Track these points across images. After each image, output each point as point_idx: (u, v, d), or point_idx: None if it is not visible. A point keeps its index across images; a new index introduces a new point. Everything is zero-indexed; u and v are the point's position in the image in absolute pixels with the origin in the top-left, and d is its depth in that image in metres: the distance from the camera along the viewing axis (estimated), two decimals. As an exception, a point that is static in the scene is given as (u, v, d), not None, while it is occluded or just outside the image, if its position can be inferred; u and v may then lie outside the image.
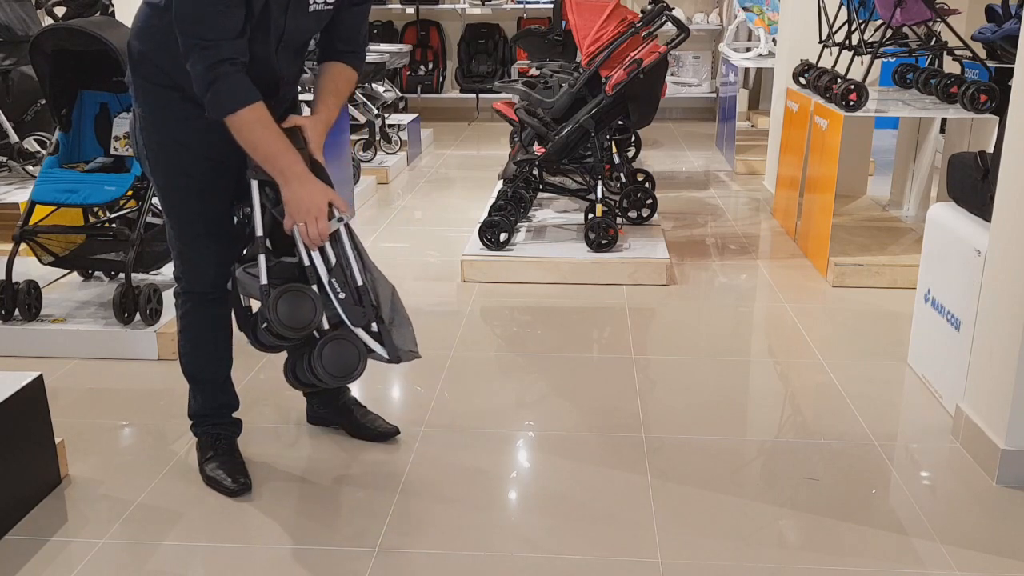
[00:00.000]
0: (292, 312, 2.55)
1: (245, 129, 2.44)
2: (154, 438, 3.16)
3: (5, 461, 2.61)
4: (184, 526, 2.65)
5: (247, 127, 2.44)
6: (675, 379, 3.61)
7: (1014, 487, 2.83)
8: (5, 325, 3.84)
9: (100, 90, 3.95)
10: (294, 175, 2.50)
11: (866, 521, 2.65)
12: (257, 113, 2.44)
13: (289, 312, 2.55)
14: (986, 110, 4.44)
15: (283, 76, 2.65)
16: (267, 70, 2.55)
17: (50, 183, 3.81)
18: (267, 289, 2.56)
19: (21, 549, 2.54)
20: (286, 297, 2.55)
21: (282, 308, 2.54)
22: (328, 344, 2.62)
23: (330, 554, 2.51)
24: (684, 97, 9.76)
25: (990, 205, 3.05)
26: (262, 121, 2.45)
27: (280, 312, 2.54)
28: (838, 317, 4.25)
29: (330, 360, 2.62)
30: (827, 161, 4.81)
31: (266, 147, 2.47)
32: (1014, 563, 2.47)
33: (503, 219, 4.86)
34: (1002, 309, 2.88)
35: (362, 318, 2.67)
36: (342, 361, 2.64)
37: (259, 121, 2.44)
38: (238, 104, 2.41)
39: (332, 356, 2.63)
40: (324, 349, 2.61)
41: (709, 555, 2.50)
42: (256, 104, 2.43)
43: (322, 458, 3.02)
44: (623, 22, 4.83)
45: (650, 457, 3.01)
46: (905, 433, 3.19)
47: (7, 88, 5.40)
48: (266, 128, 2.46)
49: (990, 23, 4.83)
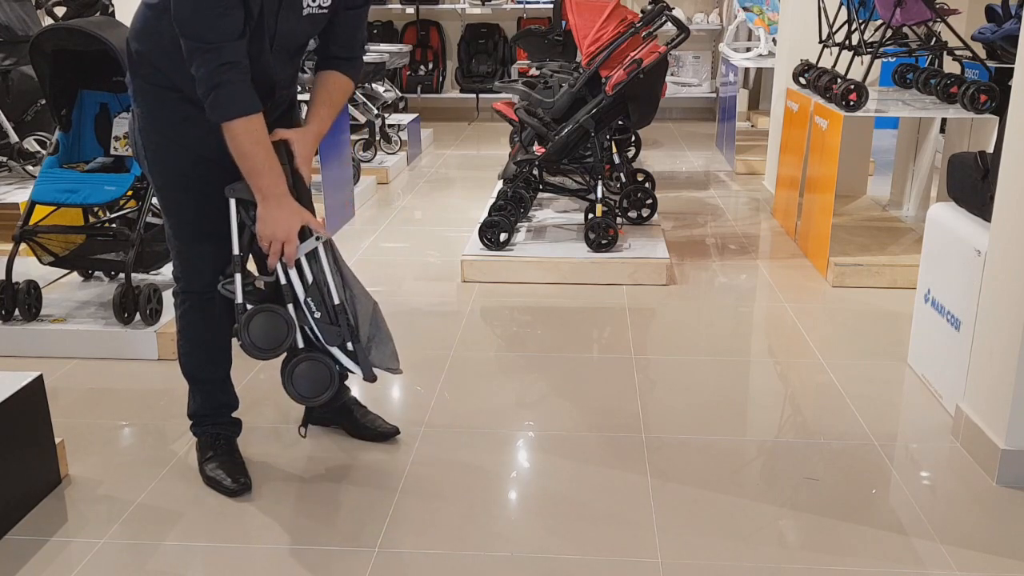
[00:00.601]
0: (265, 332, 2.59)
1: (238, 139, 2.46)
2: (154, 438, 3.16)
3: (5, 461, 2.61)
4: (184, 526, 2.65)
5: (240, 136, 2.46)
6: (675, 379, 3.61)
7: (1014, 487, 2.83)
8: (5, 325, 3.84)
9: (100, 90, 3.95)
10: (272, 195, 2.52)
11: (866, 521, 2.66)
12: (253, 125, 2.45)
13: (262, 332, 2.59)
14: (986, 110, 4.44)
15: (278, 79, 2.65)
16: (262, 72, 2.55)
17: (50, 183, 3.81)
18: (242, 308, 2.60)
19: (21, 549, 2.54)
20: (259, 317, 2.58)
21: (255, 328, 2.58)
22: (300, 364, 2.65)
23: (330, 554, 2.51)
24: (684, 97, 9.76)
25: (990, 205, 3.05)
26: (256, 134, 2.47)
27: (252, 332, 2.58)
28: (838, 317, 4.25)
29: (301, 380, 2.66)
30: (827, 161, 4.81)
31: (253, 161, 2.49)
32: (1014, 563, 2.47)
33: (503, 219, 4.86)
34: (1002, 309, 2.88)
35: (336, 337, 2.68)
36: (313, 381, 2.67)
37: (253, 133, 2.46)
38: (236, 112, 2.43)
39: (303, 376, 2.66)
40: (296, 369, 2.65)
41: (709, 555, 2.50)
42: (254, 116, 2.45)
43: (322, 458, 3.02)
44: (623, 22, 4.83)
45: (650, 457, 3.01)
46: (905, 433, 3.19)
47: (7, 88, 5.40)
48: (258, 143, 2.48)
49: (990, 23, 4.82)
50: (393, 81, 9.07)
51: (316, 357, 2.67)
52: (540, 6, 9.53)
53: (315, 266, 2.66)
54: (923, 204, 5.64)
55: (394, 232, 5.73)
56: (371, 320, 2.77)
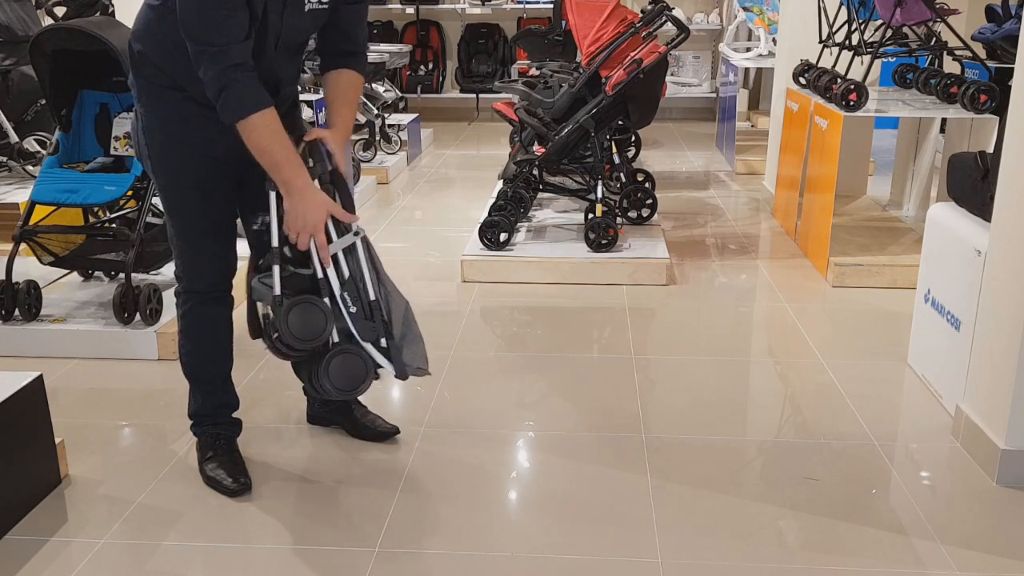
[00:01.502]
0: (303, 323, 2.56)
1: (255, 135, 2.45)
2: (154, 438, 3.16)
3: (5, 461, 2.61)
4: (184, 526, 2.65)
5: (256, 132, 2.45)
6: (675, 379, 3.61)
7: (1014, 487, 2.83)
8: (5, 325, 3.84)
9: (100, 90, 3.95)
10: (295, 187, 2.51)
11: (866, 521, 2.65)
12: (267, 119, 2.45)
13: (300, 323, 2.56)
14: (986, 110, 4.44)
15: (283, 76, 2.66)
16: (267, 71, 2.55)
17: (50, 183, 3.81)
18: (280, 299, 2.57)
19: (21, 549, 2.53)
20: (297, 308, 2.56)
21: (293, 319, 2.55)
22: (336, 357, 2.63)
23: (330, 554, 2.51)
24: (684, 97, 9.75)
25: (990, 205, 3.05)
26: (271, 128, 2.46)
27: (291, 323, 2.55)
28: (838, 317, 4.25)
29: (337, 373, 2.63)
30: (827, 161, 4.81)
31: (273, 155, 2.48)
32: (1014, 563, 2.46)
33: (503, 219, 4.85)
34: (1002, 309, 2.88)
35: (371, 333, 2.67)
36: (349, 375, 2.65)
37: (268, 127, 2.46)
38: (249, 109, 2.42)
39: (339, 370, 2.63)
40: (332, 362, 2.62)
41: (709, 555, 2.50)
42: (267, 111, 2.45)
43: (322, 458, 3.01)
44: (623, 22, 4.82)
45: (650, 457, 3.01)
46: (905, 433, 3.19)
47: (7, 88, 5.40)
48: (274, 137, 2.47)
49: (990, 23, 4.82)
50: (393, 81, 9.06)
51: (351, 350, 2.65)
52: (540, 6, 9.53)
53: (352, 261, 2.65)
54: (923, 204, 5.64)
55: (394, 232, 5.73)
56: (403, 319, 2.76)
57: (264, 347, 2.70)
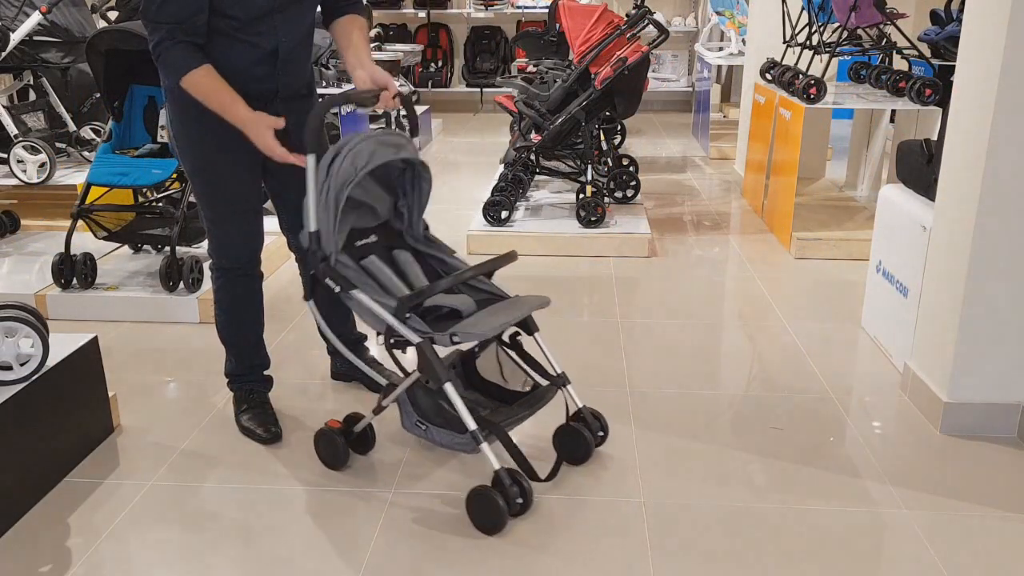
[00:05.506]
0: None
1: (194, 88, 2.39)
2: (195, 392, 3.13)
3: (65, 412, 2.58)
4: (222, 470, 2.62)
5: (195, 87, 2.39)
6: (656, 340, 3.57)
7: (955, 435, 2.80)
8: (65, 292, 3.80)
9: (148, 84, 3.89)
10: (240, 120, 2.41)
11: (824, 466, 2.63)
12: (202, 74, 2.38)
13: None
14: (931, 102, 4.39)
15: (283, 41, 2.50)
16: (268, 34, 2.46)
17: (104, 167, 3.77)
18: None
19: (80, 489, 2.51)
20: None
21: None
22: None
23: (352, 494, 2.48)
24: (664, 91, 9.67)
25: (934, 186, 3.01)
26: (206, 80, 2.39)
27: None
28: (800, 285, 4.21)
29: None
30: (790, 147, 4.76)
31: (219, 100, 2.40)
32: (955, 502, 2.44)
33: (504, 199, 4.81)
34: (945, 278, 2.84)
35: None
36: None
37: (204, 79, 2.38)
38: (183, 71, 2.37)
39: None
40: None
41: (686, 495, 2.47)
42: (200, 68, 2.38)
43: (343, 410, 2.98)
44: (610, 25, 4.79)
45: (634, 408, 2.98)
46: (859, 388, 3.16)
47: (66, 83, 5.34)
48: (214, 86, 2.40)
49: (934, 25, 4.76)
50: (407, 76, 9.00)
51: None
52: (537, 10, 9.44)
53: None
54: (875, 185, 5.59)
55: (408, 210, 5.67)
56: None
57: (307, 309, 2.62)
